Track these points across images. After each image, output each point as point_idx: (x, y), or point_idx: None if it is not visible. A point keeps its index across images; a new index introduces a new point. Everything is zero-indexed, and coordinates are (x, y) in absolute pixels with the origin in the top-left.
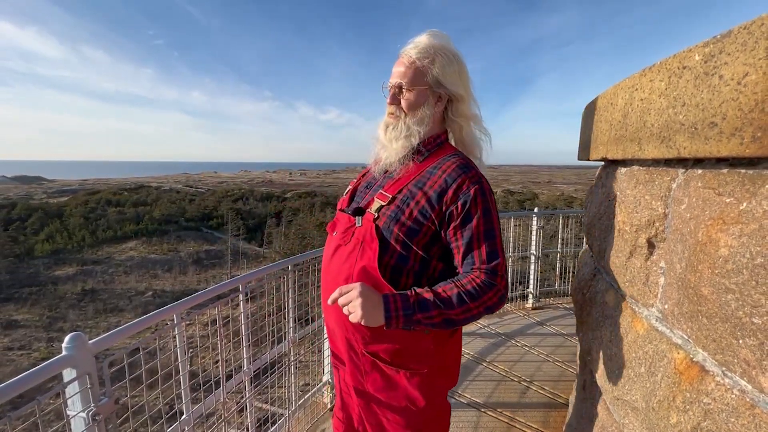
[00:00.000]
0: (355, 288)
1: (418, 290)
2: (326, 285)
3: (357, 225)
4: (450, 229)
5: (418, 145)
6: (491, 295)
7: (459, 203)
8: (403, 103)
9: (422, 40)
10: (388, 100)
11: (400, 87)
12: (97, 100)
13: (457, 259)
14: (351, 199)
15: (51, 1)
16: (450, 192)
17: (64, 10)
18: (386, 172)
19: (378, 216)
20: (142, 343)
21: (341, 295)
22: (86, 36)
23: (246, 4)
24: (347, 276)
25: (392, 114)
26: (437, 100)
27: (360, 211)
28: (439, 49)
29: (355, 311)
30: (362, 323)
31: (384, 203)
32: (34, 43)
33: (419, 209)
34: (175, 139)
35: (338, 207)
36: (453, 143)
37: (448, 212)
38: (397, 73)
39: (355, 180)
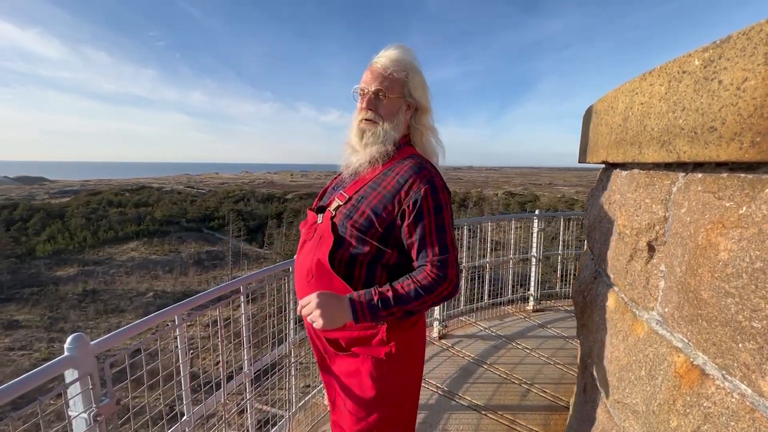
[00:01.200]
0: (312, 299)
1: (380, 289)
2: (298, 276)
3: (318, 222)
4: (404, 226)
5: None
6: (445, 285)
7: (411, 202)
8: (382, 110)
9: (395, 53)
10: (364, 105)
11: (377, 93)
12: (99, 101)
13: (413, 254)
14: (321, 198)
15: (53, 2)
16: (402, 192)
17: (66, 11)
18: (354, 174)
19: (335, 214)
20: (143, 344)
21: (302, 308)
22: (88, 37)
23: (247, 5)
24: (308, 268)
25: (369, 120)
26: (407, 108)
27: (322, 210)
28: (410, 63)
29: (317, 320)
30: (328, 328)
31: (341, 203)
32: (36, 44)
33: (371, 208)
34: (176, 140)
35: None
36: (415, 147)
37: (401, 210)
38: (375, 81)
39: (331, 181)
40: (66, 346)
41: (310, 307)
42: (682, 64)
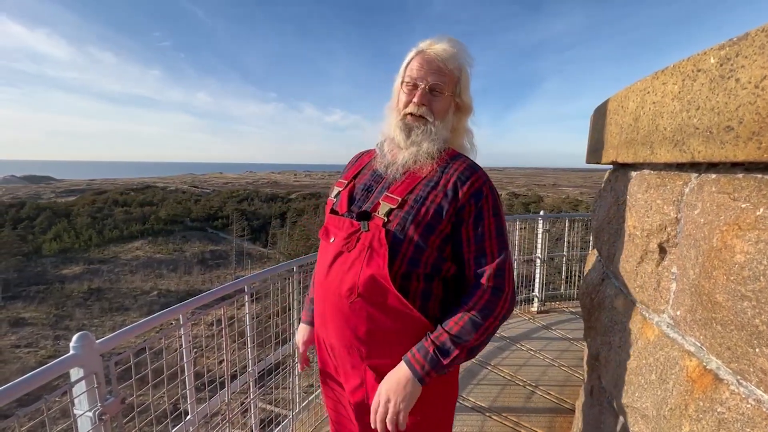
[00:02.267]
0: (384, 399)
1: (433, 336)
2: (325, 295)
3: (363, 230)
4: (462, 227)
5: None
6: (501, 304)
7: (472, 201)
8: (436, 106)
9: (452, 48)
10: (416, 99)
11: (434, 89)
12: (105, 101)
13: (468, 259)
14: (349, 202)
15: (61, 3)
16: (465, 188)
17: (73, 12)
18: (386, 174)
19: (388, 220)
20: (148, 343)
21: (378, 417)
22: (94, 38)
23: (251, 6)
24: (351, 285)
25: (420, 116)
26: (456, 109)
27: (366, 216)
28: (465, 62)
29: (402, 415)
30: (404, 409)
31: (394, 206)
32: (43, 44)
33: (435, 207)
34: (181, 140)
35: (329, 211)
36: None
37: (461, 209)
38: (432, 74)
39: (343, 182)
40: (71, 344)
41: (388, 405)
42: (697, 62)
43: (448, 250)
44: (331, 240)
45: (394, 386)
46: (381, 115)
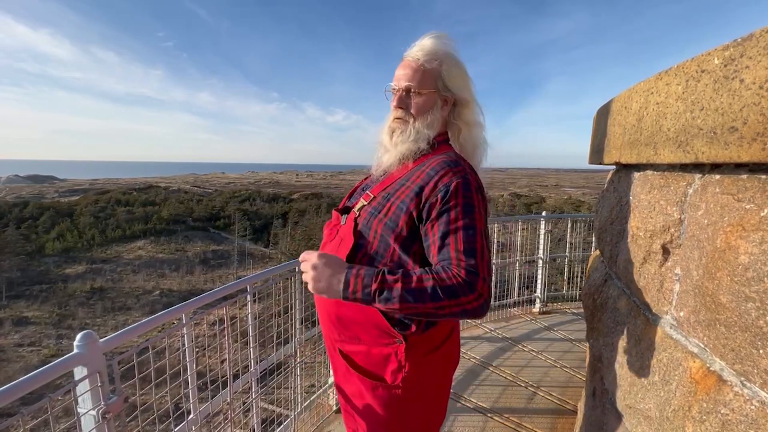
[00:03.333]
0: (314, 257)
1: (388, 276)
2: None
3: (342, 223)
4: (427, 223)
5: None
6: (472, 298)
7: (438, 195)
8: (413, 107)
9: (428, 42)
10: (394, 104)
11: (408, 90)
12: (108, 101)
13: (433, 253)
14: (348, 199)
15: (63, 3)
16: (431, 184)
17: (77, 12)
18: (384, 174)
19: (359, 214)
20: (151, 342)
21: (302, 261)
22: (97, 38)
23: (254, 6)
24: None
25: (399, 119)
26: (444, 103)
27: (347, 210)
28: (445, 53)
29: (308, 279)
30: (314, 291)
31: (366, 202)
32: (47, 44)
33: (398, 203)
34: (183, 139)
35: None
36: (454, 145)
37: (427, 205)
38: (404, 76)
39: (359, 182)
40: (75, 343)
41: (306, 264)
42: (701, 62)
43: (414, 248)
44: (326, 232)
45: (330, 263)
46: (383, 115)
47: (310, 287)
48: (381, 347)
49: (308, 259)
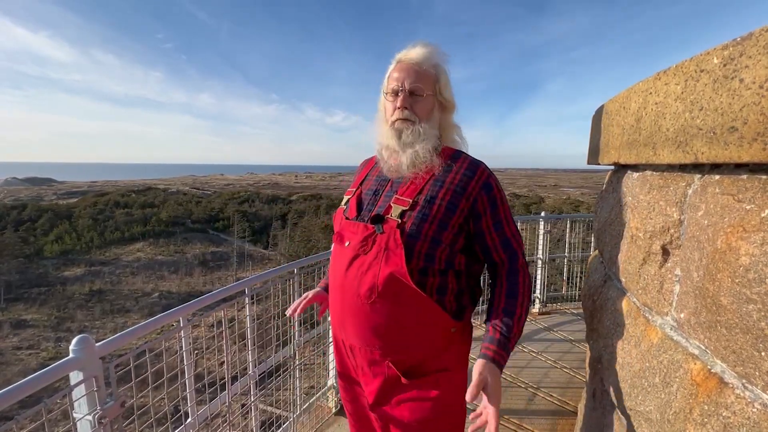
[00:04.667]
0: (486, 403)
1: (501, 329)
2: (343, 298)
3: (378, 232)
4: (482, 219)
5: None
6: (527, 281)
7: (483, 193)
8: (418, 108)
9: (426, 50)
10: (399, 104)
11: (413, 92)
12: (107, 102)
13: (491, 245)
14: (359, 207)
15: (63, 5)
16: (473, 183)
17: (76, 15)
18: (391, 178)
19: (402, 221)
20: (148, 346)
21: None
22: (97, 40)
23: (253, 7)
24: (371, 285)
25: (405, 119)
26: (440, 107)
27: (379, 219)
28: (439, 61)
29: (495, 410)
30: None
31: (406, 208)
32: (46, 47)
33: (446, 204)
34: (182, 141)
35: (339, 217)
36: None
37: (473, 203)
38: (409, 78)
39: (351, 190)
40: (71, 347)
41: (488, 411)
42: (700, 62)
43: (459, 243)
44: (346, 244)
45: (495, 381)
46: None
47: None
48: (438, 341)
49: (485, 407)
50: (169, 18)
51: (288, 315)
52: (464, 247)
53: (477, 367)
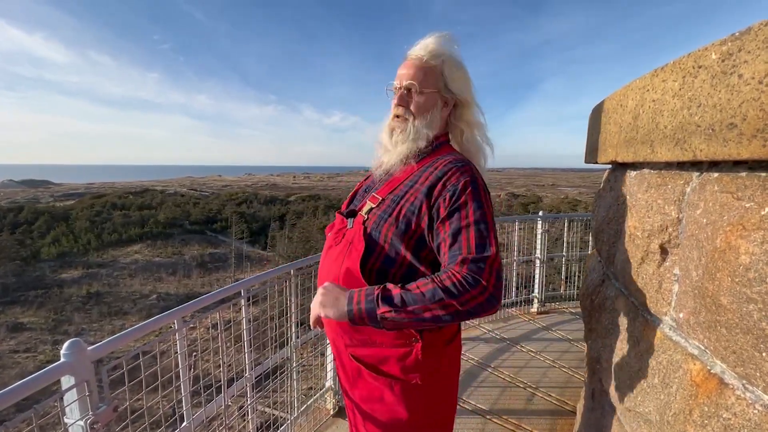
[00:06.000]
0: (320, 289)
1: (388, 285)
2: (319, 284)
3: (348, 227)
4: (437, 222)
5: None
6: (475, 293)
7: (447, 194)
8: (413, 106)
9: (431, 42)
10: (395, 102)
11: (409, 89)
12: (104, 104)
13: (443, 251)
14: (351, 201)
15: (57, 6)
16: (439, 185)
17: (71, 16)
18: (387, 174)
19: (367, 218)
20: (142, 349)
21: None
22: (93, 41)
23: (251, 7)
24: (335, 276)
25: (399, 117)
26: (444, 104)
27: (353, 213)
28: (448, 53)
29: (315, 306)
30: (323, 315)
31: (374, 205)
32: (42, 48)
33: (408, 206)
34: (180, 142)
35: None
36: (455, 146)
37: (435, 205)
38: (407, 75)
39: (359, 183)
40: (62, 352)
41: (314, 302)
42: (698, 58)
43: (425, 252)
44: (328, 234)
45: (331, 289)
46: (381, 116)
47: (318, 313)
48: (397, 348)
49: (314, 306)
50: (166, 19)
51: (313, 327)
52: (430, 254)
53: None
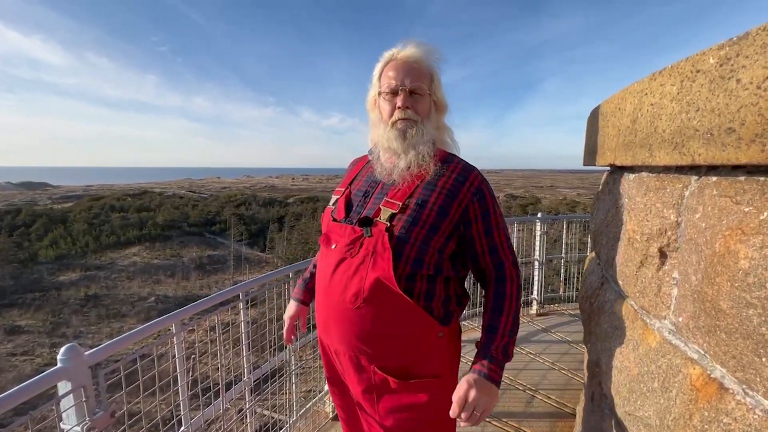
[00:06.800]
0: (471, 393)
1: (494, 343)
2: (328, 302)
3: (366, 236)
4: (472, 226)
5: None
6: (514, 288)
7: (475, 200)
8: (420, 107)
9: (422, 49)
10: (400, 103)
11: (413, 91)
12: (102, 106)
13: (480, 251)
14: (347, 209)
15: (55, 8)
16: (464, 188)
17: (69, 18)
18: (389, 177)
19: (391, 224)
20: (140, 353)
21: (462, 409)
22: (91, 43)
23: (249, 9)
24: (357, 290)
25: (407, 119)
26: (435, 107)
27: (368, 221)
28: (434, 61)
29: (486, 412)
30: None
31: (395, 211)
32: (40, 50)
33: (437, 209)
34: (178, 144)
35: (327, 218)
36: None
37: (465, 209)
38: (409, 77)
39: (340, 190)
40: (59, 357)
41: (472, 402)
42: (696, 62)
43: (448, 249)
44: (333, 246)
45: (483, 388)
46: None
47: (489, 413)
48: (425, 346)
49: (468, 397)
50: (164, 21)
51: (286, 344)
52: (453, 253)
53: (460, 383)
